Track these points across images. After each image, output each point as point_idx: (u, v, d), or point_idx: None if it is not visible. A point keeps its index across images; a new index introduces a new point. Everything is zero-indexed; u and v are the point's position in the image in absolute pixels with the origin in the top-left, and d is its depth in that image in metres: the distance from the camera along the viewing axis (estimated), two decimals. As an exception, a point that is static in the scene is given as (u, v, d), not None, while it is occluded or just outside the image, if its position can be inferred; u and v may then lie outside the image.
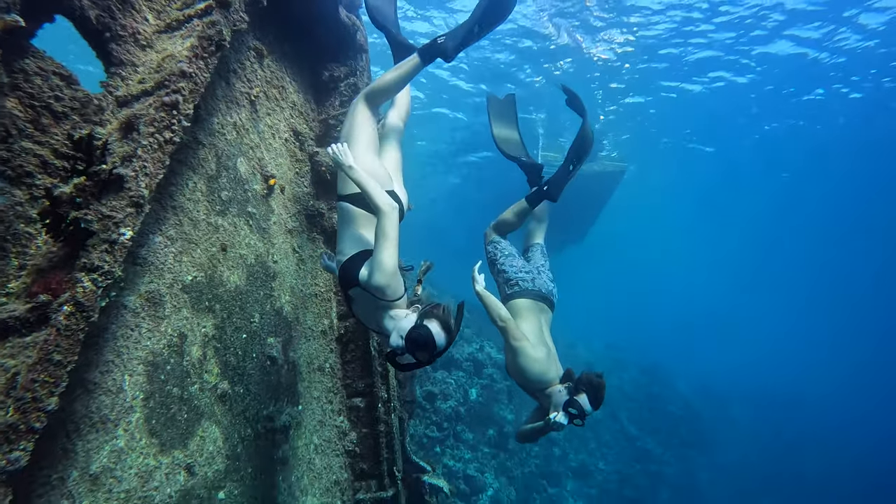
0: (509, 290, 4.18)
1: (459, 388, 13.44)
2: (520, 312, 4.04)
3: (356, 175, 2.88)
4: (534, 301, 4.10)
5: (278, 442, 3.75)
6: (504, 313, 3.83)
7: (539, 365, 3.74)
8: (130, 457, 2.57)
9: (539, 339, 3.90)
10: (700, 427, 19.63)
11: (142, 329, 2.71)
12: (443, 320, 2.73)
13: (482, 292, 3.90)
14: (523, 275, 4.21)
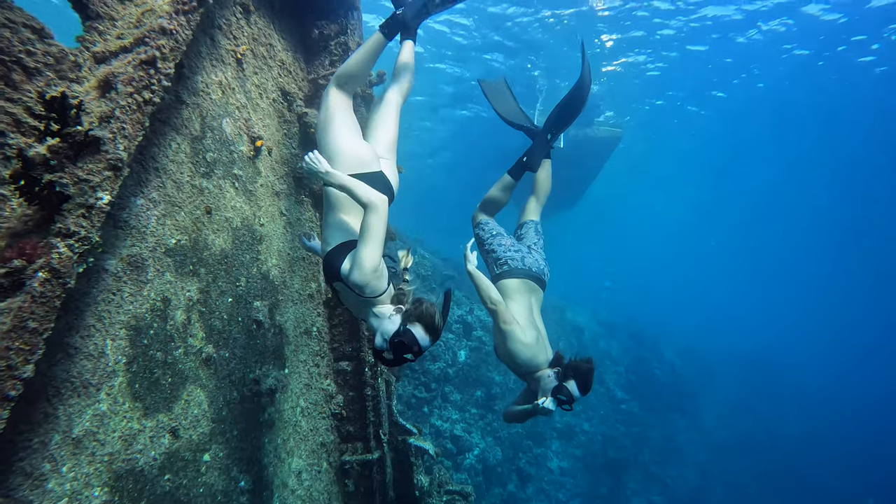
0: (498, 270, 4.08)
1: (448, 349, 13.56)
2: (509, 293, 3.96)
3: (335, 179, 2.85)
4: (523, 281, 4.00)
5: (264, 405, 3.76)
6: (495, 295, 3.73)
7: (529, 350, 3.68)
8: (113, 420, 2.57)
9: (529, 321, 3.83)
10: (684, 391, 20.01)
11: (124, 293, 2.67)
12: (427, 322, 2.72)
13: (474, 272, 3.82)
14: (512, 253, 4.11)
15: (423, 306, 2.76)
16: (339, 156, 3.12)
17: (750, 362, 25.95)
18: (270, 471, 3.77)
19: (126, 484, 2.61)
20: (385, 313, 2.82)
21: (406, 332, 2.70)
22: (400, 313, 2.80)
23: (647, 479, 17.00)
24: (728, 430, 20.98)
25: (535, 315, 3.96)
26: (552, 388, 3.63)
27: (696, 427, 19.51)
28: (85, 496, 2.41)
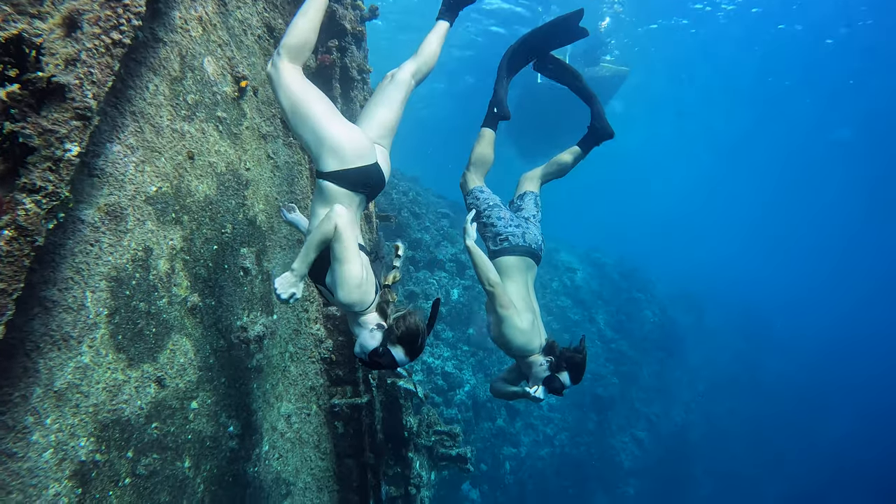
0: (496, 247, 3.86)
1: (441, 288, 13.65)
2: (507, 271, 3.78)
3: (302, 272, 2.83)
4: (522, 258, 3.82)
5: (252, 351, 3.77)
6: (494, 277, 3.57)
7: (524, 336, 3.56)
8: (97, 372, 2.55)
9: (526, 303, 3.70)
10: (674, 332, 20.39)
11: (102, 244, 2.59)
12: (407, 345, 2.68)
13: (472, 248, 3.63)
14: (513, 229, 3.87)
15: (406, 325, 2.67)
16: (336, 150, 2.78)
17: (740, 308, 26.34)
18: (259, 415, 3.82)
19: (112, 434, 2.62)
20: (368, 324, 2.78)
21: (385, 354, 2.68)
22: (382, 331, 2.73)
23: (632, 415, 17.56)
24: (714, 372, 21.54)
25: (530, 293, 3.84)
26: (544, 378, 3.57)
27: (682, 367, 19.99)
28: (71, 447, 2.42)
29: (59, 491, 2.37)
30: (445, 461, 6.14)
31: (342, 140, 2.79)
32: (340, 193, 2.81)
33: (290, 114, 2.82)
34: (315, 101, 2.80)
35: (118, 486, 2.65)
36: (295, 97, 2.78)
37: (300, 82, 2.82)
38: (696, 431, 19.09)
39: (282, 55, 2.80)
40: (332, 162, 2.79)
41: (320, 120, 2.77)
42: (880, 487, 22.38)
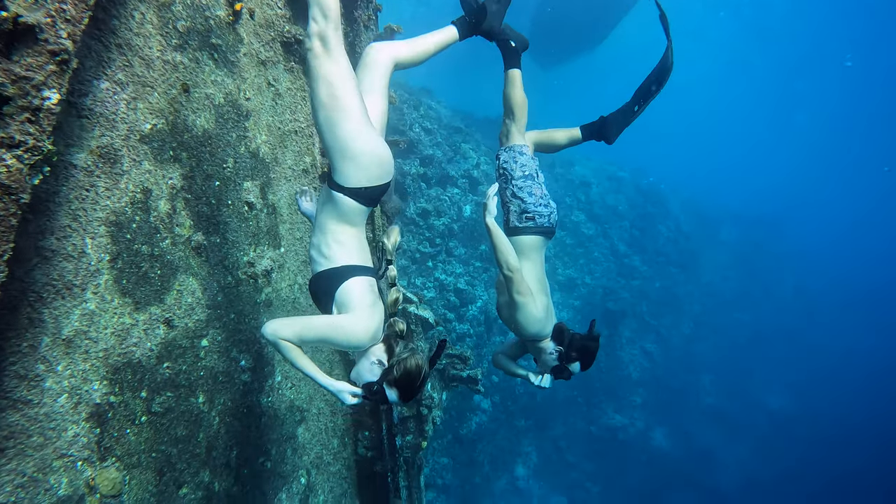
0: (521, 224, 3.47)
1: (454, 204, 13.51)
2: (526, 251, 3.46)
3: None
4: (543, 238, 3.50)
5: (261, 286, 3.77)
6: (514, 262, 3.23)
7: (539, 324, 3.31)
8: (104, 318, 2.55)
9: (542, 285, 3.44)
10: (687, 247, 20.32)
11: (98, 188, 2.51)
12: (403, 391, 2.51)
13: (492, 227, 3.25)
14: (542, 209, 3.46)
15: (405, 368, 2.49)
16: (366, 168, 2.46)
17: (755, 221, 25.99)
18: (270, 349, 3.87)
19: (125, 376, 2.66)
20: (371, 356, 2.59)
21: (379, 392, 2.53)
22: (382, 369, 2.55)
23: (642, 328, 17.86)
24: (726, 285, 21.63)
25: (543, 273, 3.58)
26: (553, 367, 3.40)
27: (694, 281, 20.08)
28: (84, 391, 2.46)
29: (78, 432, 2.44)
30: (456, 381, 6.31)
31: (373, 158, 2.47)
32: (355, 209, 2.55)
33: (320, 103, 2.37)
34: (355, 108, 2.38)
35: (135, 424, 2.72)
36: (332, 95, 2.34)
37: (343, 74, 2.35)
38: (705, 343, 19.45)
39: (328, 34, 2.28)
40: (354, 177, 2.47)
41: (353, 132, 2.39)
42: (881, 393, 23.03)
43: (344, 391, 2.62)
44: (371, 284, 2.63)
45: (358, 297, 2.53)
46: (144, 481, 2.78)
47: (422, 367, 2.52)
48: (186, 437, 3.06)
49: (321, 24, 2.26)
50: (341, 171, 2.45)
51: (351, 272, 2.57)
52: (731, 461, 18.56)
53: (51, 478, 2.33)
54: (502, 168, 3.62)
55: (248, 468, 3.60)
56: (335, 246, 2.59)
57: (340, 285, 2.55)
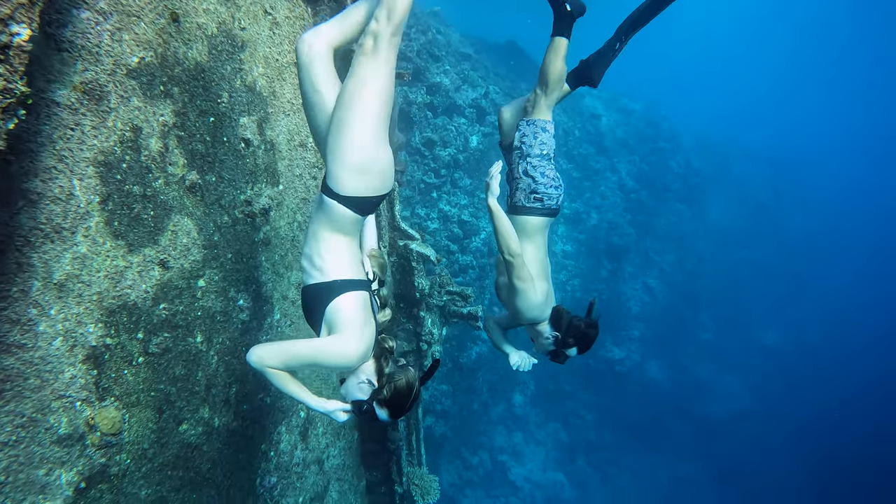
0: (528, 203, 3.30)
1: (460, 135, 13.22)
2: (530, 233, 3.31)
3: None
4: (548, 219, 3.35)
5: (258, 225, 3.70)
6: (516, 247, 3.10)
7: (537, 310, 3.23)
8: (96, 261, 2.51)
9: (542, 268, 3.33)
10: (697, 183, 20.04)
11: (84, 127, 2.41)
12: (394, 407, 2.41)
13: (495, 210, 3.11)
14: (552, 190, 3.29)
15: (395, 388, 2.40)
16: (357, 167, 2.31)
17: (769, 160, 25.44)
18: (269, 286, 3.86)
19: (120, 318, 2.65)
20: (360, 374, 2.48)
21: (369, 411, 2.45)
22: (371, 388, 2.44)
23: (645, 264, 17.92)
24: (733, 223, 21.47)
25: (545, 255, 3.45)
26: (549, 352, 3.32)
27: (701, 218, 19.93)
28: (79, 333, 2.46)
29: (75, 374, 2.45)
30: (456, 318, 6.35)
31: (374, 171, 2.35)
32: (348, 218, 2.41)
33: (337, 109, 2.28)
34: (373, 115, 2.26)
35: (132, 365, 2.74)
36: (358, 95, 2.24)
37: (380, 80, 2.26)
38: (707, 280, 19.53)
39: (383, 36, 2.20)
40: (351, 186, 2.33)
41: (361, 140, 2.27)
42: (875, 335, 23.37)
43: (335, 410, 2.57)
44: (363, 300, 2.50)
45: (348, 316, 2.41)
46: (144, 419, 2.83)
47: (413, 385, 2.43)
48: (185, 375, 3.09)
49: (381, 24, 2.18)
50: (337, 177, 2.31)
51: (342, 288, 2.44)
52: (722, 394, 19.06)
53: (50, 418, 2.37)
54: (521, 141, 3.40)
55: (247, 404, 3.67)
56: (327, 257, 2.45)
57: (330, 302, 2.43)
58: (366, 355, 2.44)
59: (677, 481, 17.41)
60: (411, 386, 2.41)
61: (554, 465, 15.48)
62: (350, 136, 2.24)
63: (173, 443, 3.03)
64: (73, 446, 2.47)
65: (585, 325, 3.19)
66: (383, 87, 2.24)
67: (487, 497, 14.22)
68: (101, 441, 2.58)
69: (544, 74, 3.33)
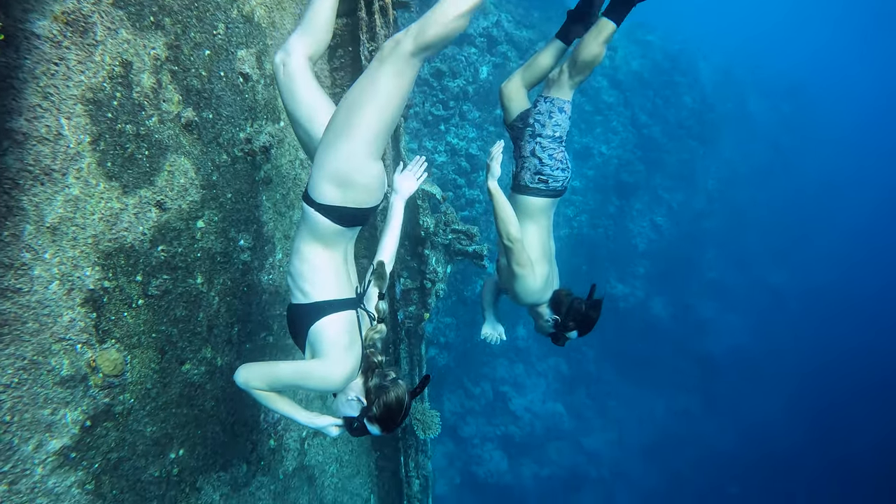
0: (532, 184, 3.19)
1: (470, 65, 12.76)
2: (532, 213, 3.23)
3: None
4: (552, 200, 3.25)
5: (259, 163, 3.60)
6: (515, 232, 3.01)
7: (535, 295, 3.17)
8: (90, 203, 2.44)
9: (545, 250, 3.24)
10: (711, 120, 19.43)
11: (69, 62, 2.28)
12: (385, 423, 2.35)
13: (495, 193, 3.01)
14: (559, 172, 3.17)
15: (385, 404, 2.34)
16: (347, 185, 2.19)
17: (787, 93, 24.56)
18: (271, 226, 3.80)
19: (117, 261, 2.61)
20: (349, 392, 2.43)
21: (360, 428, 2.41)
22: (361, 405, 2.40)
23: (654, 201, 17.69)
24: (746, 162, 21.03)
25: (550, 235, 3.33)
26: (549, 334, 3.29)
27: (713, 156, 19.51)
28: (76, 277, 2.42)
29: (74, 317, 2.44)
30: (461, 256, 6.31)
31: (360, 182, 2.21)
32: (331, 230, 2.30)
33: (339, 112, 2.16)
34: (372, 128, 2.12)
35: (132, 307, 2.72)
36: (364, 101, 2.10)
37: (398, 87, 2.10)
38: (716, 219, 19.34)
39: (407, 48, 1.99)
40: (331, 195, 2.21)
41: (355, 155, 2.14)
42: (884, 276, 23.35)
43: (327, 426, 2.57)
44: (349, 321, 2.42)
45: (331, 339, 2.35)
46: (146, 360, 2.84)
47: (402, 400, 2.36)
48: (186, 317, 3.09)
49: (409, 37, 1.97)
50: (317, 185, 2.21)
51: (325, 310, 2.37)
52: (723, 332, 19.28)
53: (52, 360, 2.37)
54: (535, 119, 3.23)
55: (250, 343, 3.69)
56: (310, 277, 2.37)
57: (313, 325, 2.37)
58: (352, 376, 2.40)
59: (673, 414, 17.90)
60: (401, 401, 2.35)
61: (553, 397, 15.89)
62: (338, 147, 2.12)
63: (176, 382, 3.06)
64: (77, 387, 2.48)
65: (587, 307, 3.13)
66: (388, 101, 2.07)
67: (488, 425, 14.69)
68: (103, 382, 2.60)
69: (579, 54, 3.08)
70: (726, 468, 17.70)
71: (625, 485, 16.16)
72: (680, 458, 17.22)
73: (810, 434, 19.38)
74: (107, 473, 2.68)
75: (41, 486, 2.38)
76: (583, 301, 3.15)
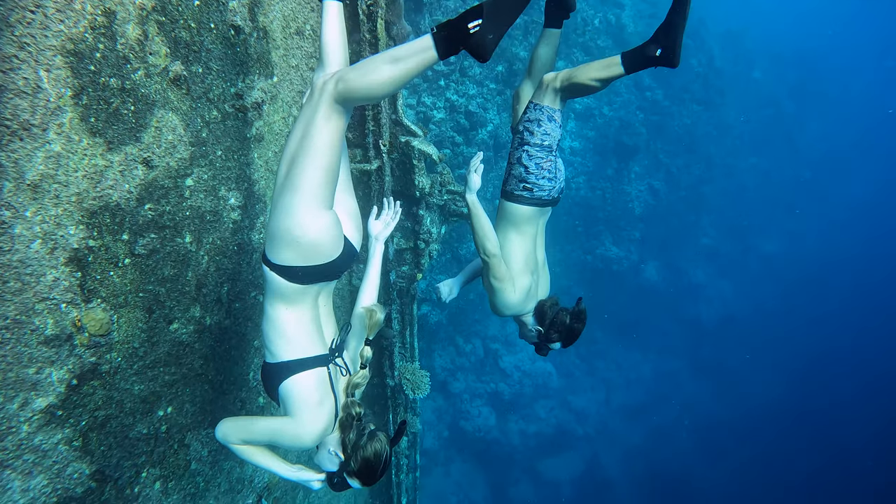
0: (517, 192, 3.10)
1: (473, 19, 12.39)
2: (516, 222, 3.15)
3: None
4: (537, 209, 3.14)
5: (251, 119, 3.49)
6: (491, 247, 3.00)
7: (513, 308, 3.14)
8: (72, 160, 2.36)
9: (528, 262, 3.16)
10: (716, 83, 19.10)
11: (46, 10, 2.16)
12: (365, 476, 2.36)
13: (472, 206, 3.01)
14: (545, 182, 3.07)
15: (363, 458, 2.33)
16: (291, 235, 2.17)
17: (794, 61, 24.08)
18: (262, 184, 3.72)
19: (102, 219, 2.54)
20: (327, 445, 2.45)
21: (341, 483, 2.44)
22: (339, 460, 2.42)
23: (653, 165, 17.55)
24: (748, 128, 20.79)
25: (537, 246, 3.26)
26: (533, 343, 3.27)
27: (716, 122, 19.25)
28: (59, 236, 2.36)
29: (58, 276, 2.39)
30: (456, 217, 6.25)
31: (304, 240, 2.17)
32: (291, 289, 2.29)
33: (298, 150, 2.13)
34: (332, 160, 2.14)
35: (118, 266, 2.67)
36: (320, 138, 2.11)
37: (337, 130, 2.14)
38: (714, 186, 19.26)
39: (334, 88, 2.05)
40: (283, 255, 2.22)
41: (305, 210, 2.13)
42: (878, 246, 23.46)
43: (310, 480, 2.59)
44: (319, 378, 2.40)
45: (300, 398, 2.34)
46: (133, 319, 2.81)
47: (381, 453, 2.35)
48: (174, 276, 3.04)
49: (333, 81, 2.10)
50: (271, 247, 2.24)
51: (293, 369, 2.36)
52: (714, 297, 19.47)
53: (35, 319, 2.33)
54: (523, 125, 3.11)
55: (239, 302, 3.66)
56: (274, 337, 2.37)
57: (282, 383, 2.36)
58: (325, 431, 2.40)
59: (660, 375, 18.22)
60: (379, 455, 2.34)
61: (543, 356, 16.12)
62: (279, 204, 2.16)
63: (164, 341, 3.05)
64: (62, 346, 2.46)
65: (571, 318, 3.09)
66: (322, 149, 2.09)
67: (478, 381, 14.93)
68: (89, 341, 2.57)
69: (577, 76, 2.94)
70: (710, 430, 18.14)
71: (609, 442, 16.56)
72: (664, 419, 17.62)
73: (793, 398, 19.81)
74: (94, 431, 2.69)
75: (27, 443, 2.39)
76: (568, 313, 3.11)
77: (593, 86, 2.90)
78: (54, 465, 2.52)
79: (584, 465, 16.03)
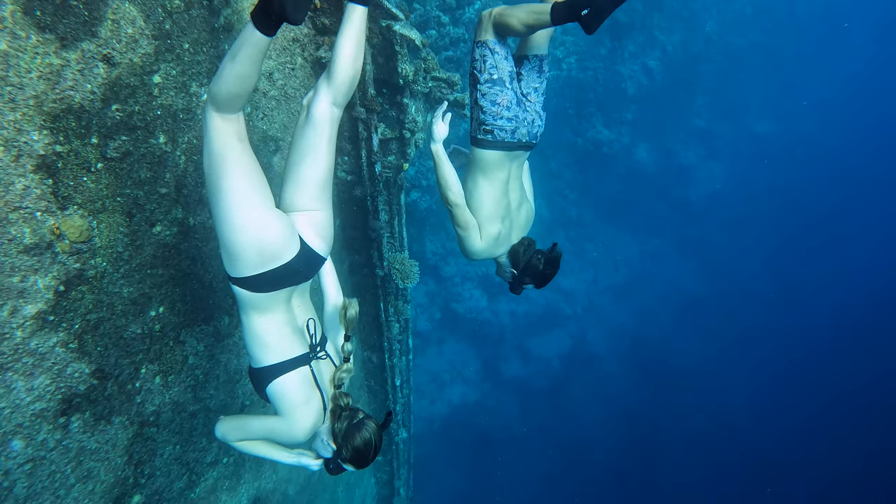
0: (480, 136, 3.01)
1: None
2: (484, 168, 3.04)
3: None
4: (505, 153, 3.02)
5: (217, 7, 3.25)
6: (452, 196, 3.02)
7: (481, 253, 3.16)
8: (23, 59, 2.20)
9: (497, 209, 3.10)
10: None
11: None
12: (358, 462, 2.48)
13: (436, 156, 3.01)
14: (503, 122, 2.93)
15: (353, 446, 2.45)
16: (239, 257, 2.23)
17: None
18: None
19: (67, 123, 2.43)
20: (321, 435, 2.60)
21: (337, 467, 2.59)
22: (332, 449, 2.56)
23: (649, 43, 16.82)
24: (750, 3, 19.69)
25: (509, 192, 3.15)
26: (508, 282, 3.31)
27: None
28: (22, 142, 2.27)
29: (27, 185, 2.32)
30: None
31: (249, 249, 2.22)
32: (257, 298, 2.34)
33: (207, 174, 2.31)
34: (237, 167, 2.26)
35: (91, 171, 2.59)
36: (215, 154, 2.29)
37: (228, 135, 2.29)
38: (710, 64, 18.57)
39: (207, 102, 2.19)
40: (240, 266, 2.26)
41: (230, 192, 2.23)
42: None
43: (309, 463, 2.74)
44: (302, 377, 2.50)
45: (287, 399, 2.46)
46: (114, 224, 2.78)
47: (370, 441, 2.46)
48: (152, 178, 2.97)
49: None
50: (227, 262, 2.32)
51: (276, 372, 2.45)
52: (703, 178, 19.48)
53: (11, 229, 2.30)
54: (472, 66, 3.02)
55: (222, 202, 3.61)
56: (254, 345, 2.44)
57: (268, 385, 2.46)
58: (315, 425, 2.53)
59: (646, 255, 18.67)
60: (368, 442, 2.45)
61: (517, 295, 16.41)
62: (214, 218, 2.27)
63: (148, 244, 3.03)
64: (43, 254, 2.44)
65: (543, 264, 3.15)
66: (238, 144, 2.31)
67: (469, 265, 15.26)
68: (71, 248, 2.56)
69: (505, 17, 2.80)
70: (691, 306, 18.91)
71: (596, 321, 17.29)
72: (648, 297, 18.28)
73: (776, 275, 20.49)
74: (88, 333, 2.75)
75: (24, 347, 2.45)
76: (542, 257, 3.16)
77: (520, 30, 2.81)
78: (54, 366, 2.60)
79: (571, 342, 16.85)
